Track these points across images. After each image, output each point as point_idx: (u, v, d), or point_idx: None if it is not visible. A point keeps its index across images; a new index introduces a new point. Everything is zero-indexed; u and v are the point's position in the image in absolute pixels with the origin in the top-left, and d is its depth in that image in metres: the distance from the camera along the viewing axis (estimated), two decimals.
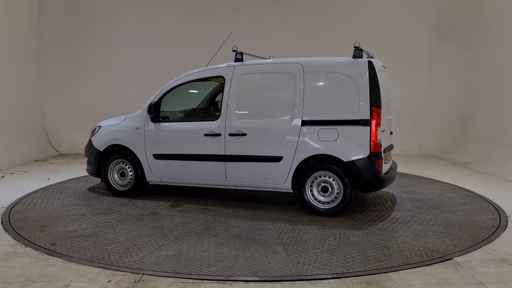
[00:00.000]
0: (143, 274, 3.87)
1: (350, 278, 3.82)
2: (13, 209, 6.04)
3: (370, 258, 4.25)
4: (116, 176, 6.87)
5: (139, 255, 4.33)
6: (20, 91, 11.05)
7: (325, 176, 5.68)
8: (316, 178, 5.72)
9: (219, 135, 6.08)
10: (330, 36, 11.65)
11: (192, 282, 3.72)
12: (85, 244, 4.65)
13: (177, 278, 3.79)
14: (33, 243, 4.64)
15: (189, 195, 6.85)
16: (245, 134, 5.97)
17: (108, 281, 3.72)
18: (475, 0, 11.22)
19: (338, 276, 3.84)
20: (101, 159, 6.90)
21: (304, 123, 5.69)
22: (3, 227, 5.25)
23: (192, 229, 5.16)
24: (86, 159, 7.21)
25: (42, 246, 4.58)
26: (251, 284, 3.71)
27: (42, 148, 11.39)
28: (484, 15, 10.81)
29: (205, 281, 3.75)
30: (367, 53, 6.05)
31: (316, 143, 5.65)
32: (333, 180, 5.64)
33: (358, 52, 5.65)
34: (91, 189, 7.32)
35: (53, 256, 4.30)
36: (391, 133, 6.48)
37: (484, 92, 10.75)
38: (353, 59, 5.67)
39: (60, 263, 4.12)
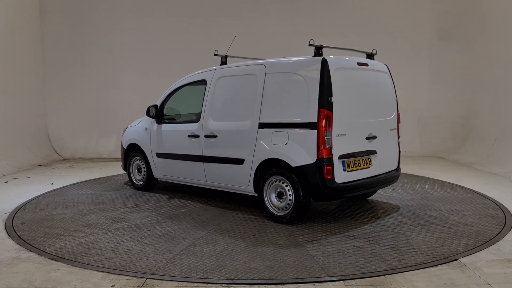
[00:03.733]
0: (147, 278, 3.86)
1: (355, 280, 3.79)
2: (16, 214, 6.04)
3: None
4: (135, 171, 7.62)
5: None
6: (23, 97, 11.08)
7: (279, 181, 5.41)
8: (272, 183, 5.49)
9: (197, 136, 6.34)
10: (331, 37, 11.61)
11: (197, 286, 3.71)
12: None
13: (182, 282, 3.77)
14: (37, 248, 4.64)
15: (201, 194, 6.86)
16: (216, 136, 6.11)
17: (112, 286, 3.71)
18: (476, 0, 11.20)
19: (343, 278, 3.82)
20: (126, 156, 7.71)
21: (261, 125, 5.57)
22: (7, 232, 5.25)
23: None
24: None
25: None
26: (255, 286, 3.70)
27: (45, 153, 11.41)
28: (484, 15, 10.80)
29: (209, 284, 3.73)
30: (367, 53, 5.94)
31: (269, 146, 5.45)
32: (286, 185, 5.33)
33: (317, 51, 5.27)
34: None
35: (57, 261, 4.29)
36: (398, 137, 6.15)
37: (486, 92, 10.72)
38: (309, 58, 5.31)
39: (64, 268, 4.12)
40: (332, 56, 5.26)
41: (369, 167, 5.54)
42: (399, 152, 6.23)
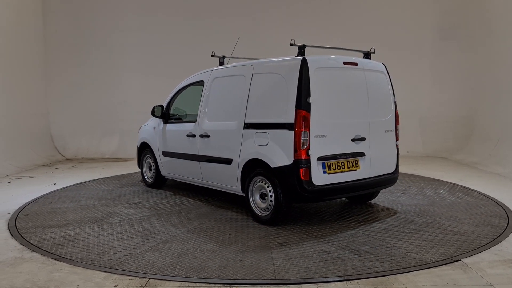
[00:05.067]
0: (149, 278, 3.87)
1: (357, 280, 3.79)
2: (19, 214, 6.06)
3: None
4: (147, 169, 7.87)
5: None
6: (26, 97, 11.11)
7: (262, 182, 5.39)
8: (256, 183, 5.48)
9: (194, 136, 6.44)
10: (333, 37, 11.63)
11: (199, 286, 3.71)
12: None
13: (184, 282, 3.78)
14: (40, 248, 4.65)
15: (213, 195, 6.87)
16: (209, 136, 6.19)
17: (114, 286, 3.72)
18: (478, 0, 11.18)
19: (345, 278, 3.82)
20: (139, 153, 8.04)
21: (246, 126, 5.59)
22: (10, 232, 5.27)
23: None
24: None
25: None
26: (257, 287, 3.70)
27: (48, 153, 11.44)
28: (487, 15, 10.77)
29: (211, 284, 3.74)
30: (364, 52, 5.84)
31: (252, 147, 5.44)
32: (268, 186, 5.31)
33: (300, 50, 5.20)
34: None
35: (60, 261, 4.30)
36: (397, 139, 6.00)
37: (489, 91, 10.69)
38: (291, 58, 5.25)
39: (67, 268, 4.13)
40: (314, 56, 5.17)
41: (355, 170, 5.35)
42: (398, 154, 6.01)
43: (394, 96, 5.98)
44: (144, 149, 7.86)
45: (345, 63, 5.40)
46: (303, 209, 6.14)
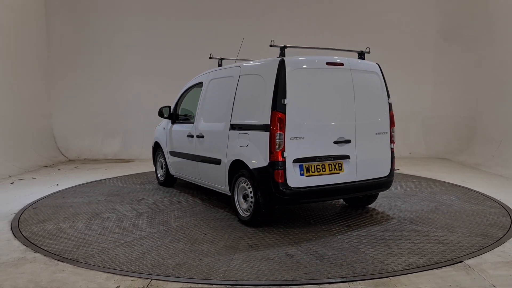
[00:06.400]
0: (151, 279, 3.87)
1: (360, 281, 3.79)
2: (22, 215, 6.07)
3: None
4: (159, 167, 8.10)
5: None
6: (29, 98, 11.15)
7: (244, 183, 5.38)
8: (240, 184, 5.48)
9: (192, 136, 6.50)
10: (337, 40, 11.65)
11: (201, 287, 3.71)
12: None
13: (186, 283, 3.78)
14: (43, 249, 4.67)
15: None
16: (203, 136, 6.29)
17: (117, 287, 3.73)
18: (481, 1, 11.16)
19: (348, 279, 3.81)
20: (154, 152, 8.26)
21: (231, 127, 5.62)
22: (13, 233, 5.28)
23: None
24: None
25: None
26: (214, 286, 3.72)
27: (50, 154, 11.47)
28: (489, 15, 10.75)
29: (213, 285, 3.74)
30: (358, 52, 5.76)
31: (235, 148, 5.47)
32: (249, 187, 5.29)
33: (281, 51, 5.13)
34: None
35: (62, 261, 4.31)
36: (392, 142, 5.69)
37: (491, 93, 10.67)
38: (271, 59, 5.19)
39: (69, 269, 4.14)
40: (293, 57, 5.11)
41: (338, 173, 5.19)
42: (392, 157, 5.69)
43: (389, 97, 5.71)
44: (157, 149, 8.09)
45: (328, 63, 5.25)
46: (294, 211, 6.10)
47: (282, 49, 5.14)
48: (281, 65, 4.95)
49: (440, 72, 11.88)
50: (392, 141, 5.68)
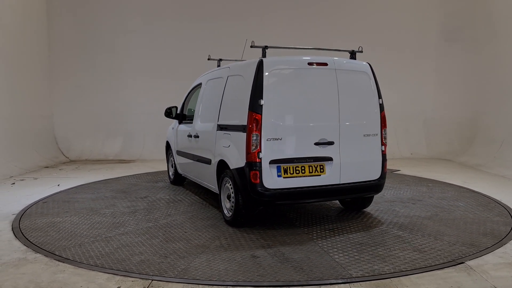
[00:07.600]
0: (152, 280, 3.87)
1: (361, 282, 3.78)
2: (23, 215, 6.08)
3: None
4: (170, 167, 8.32)
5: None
6: (30, 99, 11.17)
7: (228, 183, 5.38)
8: (225, 184, 5.49)
9: (191, 136, 6.72)
10: (336, 38, 11.65)
11: None
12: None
13: (187, 284, 3.78)
14: (43, 249, 4.67)
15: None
16: (198, 137, 6.40)
17: (117, 287, 3.73)
18: (482, 2, 11.15)
19: (349, 280, 3.81)
20: (166, 151, 8.48)
21: (218, 127, 5.66)
22: (14, 233, 5.28)
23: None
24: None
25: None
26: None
27: (51, 154, 11.49)
28: (491, 16, 10.74)
29: (214, 286, 3.73)
30: (350, 51, 5.70)
31: (220, 148, 5.53)
32: (231, 187, 5.28)
33: (263, 52, 5.14)
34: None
35: (63, 262, 4.31)
36: (385, 144, 5.48)
37: (493, 93, 10.66)
38: (253, 60, 5.17)
39: (70, 269, 4.13)
40: (272, 57, 5.07)
41: (319, 175, 5.06)
42: (383, 160, 5.46)
43: (379, 98, 5.48)
44: (168, 148, 8.30)
45: (310, 63, 5.15)
46: (283, 213, 6.04)
47: (264, 50, 5.16)
48: (260, 66, 4.93)
49: (442, 72, 11.87)
50: (383, 143, 5.47)
